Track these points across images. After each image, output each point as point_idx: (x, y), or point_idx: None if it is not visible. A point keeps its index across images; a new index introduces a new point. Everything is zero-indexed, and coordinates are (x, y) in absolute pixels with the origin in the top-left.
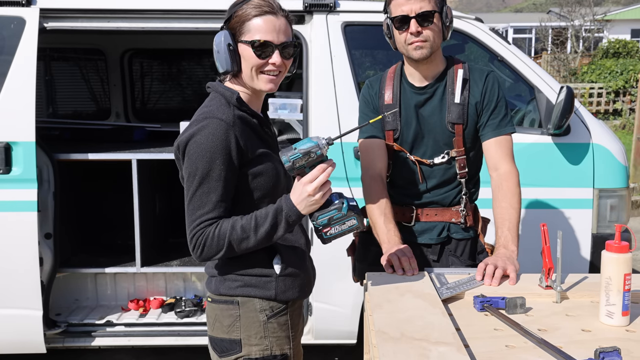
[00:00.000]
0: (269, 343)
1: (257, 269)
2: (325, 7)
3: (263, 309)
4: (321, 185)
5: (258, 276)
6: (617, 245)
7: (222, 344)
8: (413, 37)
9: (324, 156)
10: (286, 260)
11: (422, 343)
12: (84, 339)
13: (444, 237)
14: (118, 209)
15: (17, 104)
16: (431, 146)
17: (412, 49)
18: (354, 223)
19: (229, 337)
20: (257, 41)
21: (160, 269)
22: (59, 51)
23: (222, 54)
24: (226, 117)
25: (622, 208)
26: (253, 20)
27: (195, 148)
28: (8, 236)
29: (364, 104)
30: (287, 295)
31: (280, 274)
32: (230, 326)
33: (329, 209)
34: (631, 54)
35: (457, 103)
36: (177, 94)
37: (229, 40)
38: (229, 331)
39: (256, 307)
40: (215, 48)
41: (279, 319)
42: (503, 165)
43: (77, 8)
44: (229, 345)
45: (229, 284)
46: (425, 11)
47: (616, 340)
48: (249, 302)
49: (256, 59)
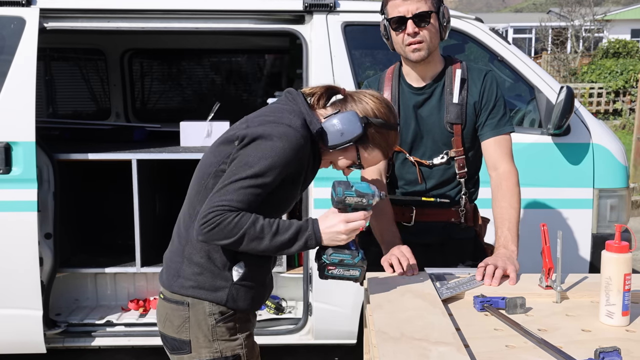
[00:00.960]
0: (218, 346)
1: (215, 270)
2: (325, 7)
3: (212, 312)
4: (353, 230)
5: (213, 277)
6: (617, 245)
7: (173, 343)
8: (410, 38)
9: (370, 206)
10: (247, 271)
11: (422, 343)
12: (84, 339)
13: (443, 237)
14: (118, 209)
15: (17, 104)
16: (430, 146)
17: (409, 51)
18: (356, 274)
19: (179, 337)
20: (362, 166)
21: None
22: (59, 51)
23: (339, 140)
24: (305, 140)
25: (622, 208)
26: (378, 152)
27: (268, 148)
28: (8, 236)
29: None
30: (237, 305)
31: (237, 282)
32: (180, 327)
33: (344, 251)
34: (631, 54)
35: (456, 103)
36: (177, 94)
37: (356, 140)
38: (178, 331)
39: (205, 310)
40: (341, 128)
41: (227, 324)
42: (502, 165)
43: (77, 8)
44: (179, 345)
45: (181, 282)
46: (422, 12)
47: (616, 341)
48: (199, 304)
49: (346, 166)
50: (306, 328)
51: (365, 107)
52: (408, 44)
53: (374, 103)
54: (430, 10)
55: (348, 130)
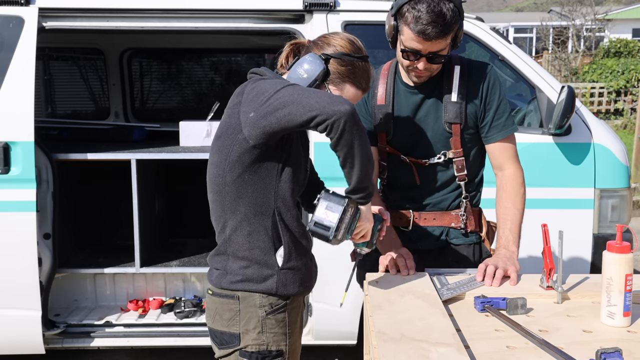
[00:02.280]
0: (265, 338)
1: (261, 258)
2: (325, 6)
3: (262, 304)
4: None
5: (259, 266)
6: (619, 245)
7: (222, 337)
8: (417, 69)
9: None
10: (290, 254)
11: (422, 344)
12: (83, 339)
13: (442, 242)
14: (117, 209)
15: (15, 104)
16: (427, 147)
17: (411, 75)
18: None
19: (229, 330)
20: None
21: (160, 270)
22: (58, 51)
23: (306, 82)
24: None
25: (623, 208)
26: (352, 87)
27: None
28: (7, 236)
29: (355, 106)
30: (287, 290)
31: (283, 266)
32: (230, 320)
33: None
34: (632, 54)
35: (454, 101)
36: (176, 93)
37: (321, 78)
38: (228, 325)
39: (256, 302)
40: (304, 70)
41: (277, 316)
42: (508, 166)
43: (76, 7)
44: (228, 339)
45: (230, 278)
46: (440, 53)
47: (617, 341)
48: (249, 297)
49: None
50: (306, 328)
51: (325, 47)
52: (412, 71)
53: (334, 40)
54: (448, 43)
55: (310, 70)
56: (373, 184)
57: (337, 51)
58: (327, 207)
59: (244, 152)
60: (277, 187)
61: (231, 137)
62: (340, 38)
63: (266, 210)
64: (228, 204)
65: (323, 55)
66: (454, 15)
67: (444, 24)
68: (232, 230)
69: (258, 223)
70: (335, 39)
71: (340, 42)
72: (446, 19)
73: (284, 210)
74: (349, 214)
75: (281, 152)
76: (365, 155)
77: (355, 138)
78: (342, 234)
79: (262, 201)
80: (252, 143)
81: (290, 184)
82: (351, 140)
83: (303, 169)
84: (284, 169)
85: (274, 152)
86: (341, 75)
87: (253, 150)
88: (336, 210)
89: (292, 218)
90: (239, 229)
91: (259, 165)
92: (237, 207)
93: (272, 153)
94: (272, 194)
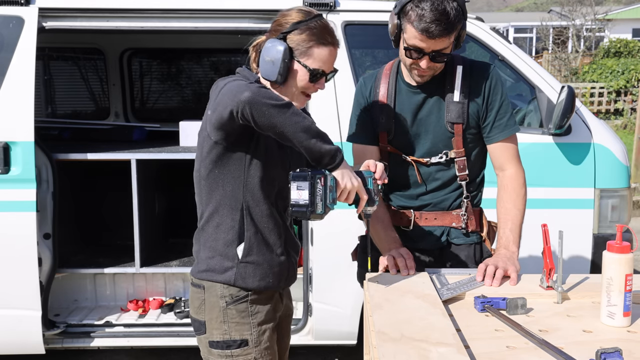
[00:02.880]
0: (227, 328)
1: (223, 250)
2: (325, 6)
3: (224, 295)
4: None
5: (221, 258)
6: (619, 245)
7: (194, 324)
8: (419, 67)
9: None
10: (250, 248)
11: (422, 344)
12: (83, 339)
13: (443, 242)
14: (117, 209)
15: (15, 104)
16: (429, 147)
17: (413, 74)
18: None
19: (197, 317)
20: (317, 70)
21: (160, 270)
22: (58, 50)
23: (275, 66)
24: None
25: (623, 208)
26: (319, 48)
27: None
28: (7, 236)
29: (357, 106)
30: (246, 283)
31: (242, 260)
32: (198, 308)
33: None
34: (632, 54)
35: (457, 101)
36: (176, 93)
37: (287, 56)
38: (197, 312)
39: (217, 292)
40: (268, 57)
41: (237, 306)
42: (510, 167)
43: (76, 7)
44: (197, 326)
45: (198, 267)
46: (443, 51)
47: (617, 341)
48: (212, 287)
49: (307, 83)
50: (306, 328)
51: (279, 28)
52: (415, 69)
53: (284, 18)
54: (451, 42)
55: (272, 54)
56: (329, 147)
57: (290, 25)
58: (298, 187)
59: (210, 148)
60: (246, 181)
61: (202, 133)
62: (288, 14)
63: (235, 204)
64: (204, 197)
65: (280, 35)
66: (458, 14)
67: (447, 23)
68: (205, 221)
69: (227, 216)
70: (284, 17)
71: (289, 17)
72: (450, 18)
73: (252, 205)
74: (319, 185)
75: (246, 148)
76: (296, 127)
77: (271, 117)
78: (321, 206)
79: (231, 194)
80: (213, 139)
81: (260, 180)
82: (269, 121)
83: (279, 167)
84: (251, 164)
85: (238, 147)
86: (303, 43)
87: (216, 146)
88: (305, 187)
89: (260, 213)
90: (210, 220)
91: (227, 160)
92: (210, 199)
93: (235, 148)
94: (241, 187)
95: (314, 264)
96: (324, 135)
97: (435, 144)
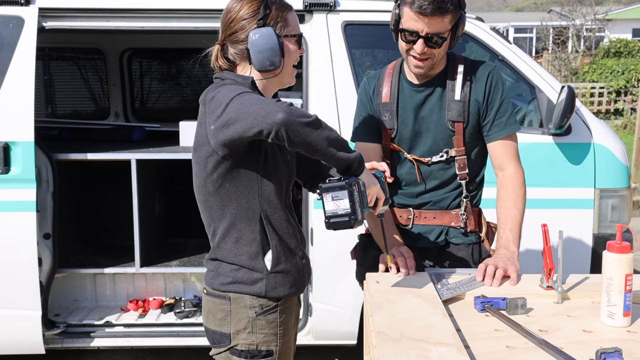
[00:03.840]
0: (255, 339)
1: (249, 264)
2: (325, 6)
3: (253, 305)
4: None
5: (249, 270)
6: (619, 245)
7: (214, 336)
8: (415, 53)
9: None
10: (278, 257)
11: (422, 344)
12: (83, 339)
13: (441, 241)
14: (117, 209)
15: (15, 104)
16: (430, 145)
17: (411, 63)
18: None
19: (220, 330)
20: (298, 34)
21: (160, 270)
22: (58, 51)
23: (274, 51)
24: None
25: (623, 208)
26: (290, 14)
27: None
28: (7, 236)
29: (360, 105)
30: (277, 292)
31: (272, 270)
32: (222, 320)
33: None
34: (632, 54)
35: (458, 100)
36: (176, 93)
37: (277, 35)
38: (220, 324)
39: (246, 303)
40: (265, 46)
41: (267, 317)
42: (509, 166)
43: (76, 7)
44: (219, 338)
45: (221, 280)
46: (438, 34)
47: (617, 341)
48: (240, 298)
49: (296, 52)
50: (306, 329)
51: (240, 32)
52: (412, 56)
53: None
54: (447, 30)
55: (267, 41)
56: (355, 155)
57: (252, 18)
58: (333, 197)
59: (218, 162)
60: (261, 190)
61: (204, 148)
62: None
63: (253, 215)
64: (215, 213)
65: (259, 23)
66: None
67: (441, 1)
68: (221, 237)
69: (245, 228)
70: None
71: (242, 13)
72: None
73: (270, 213)
74: (356, 192)
75: (256, 156)
76: (328, 142)
77: (306, 136)
78: (360, 212)
79: (247, 206)
80: (221, 154)
81: (274, 185)
82: (304, 140)
83: (283, 165)
84: (264, 171)
85: (248, 158)
86: (278, 17)
87: (225, 160)
88: (343, 197)
89: (279, 219)
90: (227, 236)
91: (237, 172)
92: (223, 215)
93: (245, 159)
94: (257, 197)
95: (314, 264)
96: (346, 143)
97: (436, 142)
